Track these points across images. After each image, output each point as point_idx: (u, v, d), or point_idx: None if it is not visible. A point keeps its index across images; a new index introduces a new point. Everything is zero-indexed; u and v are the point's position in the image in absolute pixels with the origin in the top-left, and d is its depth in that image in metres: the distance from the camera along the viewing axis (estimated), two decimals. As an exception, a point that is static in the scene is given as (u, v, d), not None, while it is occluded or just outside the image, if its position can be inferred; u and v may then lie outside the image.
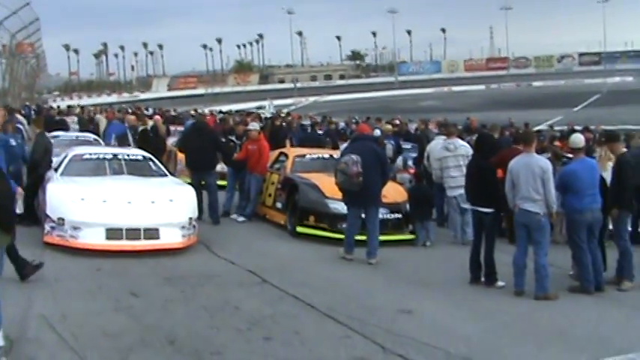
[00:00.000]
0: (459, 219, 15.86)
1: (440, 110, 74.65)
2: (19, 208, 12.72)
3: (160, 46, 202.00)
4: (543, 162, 12.06)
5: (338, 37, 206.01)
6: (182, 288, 11.20)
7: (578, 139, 12.72)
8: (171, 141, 26.86)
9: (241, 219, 17.48)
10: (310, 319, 10.05)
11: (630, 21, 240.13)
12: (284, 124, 33.40)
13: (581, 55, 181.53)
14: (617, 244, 12.90)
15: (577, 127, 37.31)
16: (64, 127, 27.99)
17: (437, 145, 17.36)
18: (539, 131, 34.48)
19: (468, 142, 16.53)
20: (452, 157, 16.26)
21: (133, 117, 26.23)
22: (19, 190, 12.77)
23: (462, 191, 14.36)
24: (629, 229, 13.87)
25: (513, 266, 11.90)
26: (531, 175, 11.70)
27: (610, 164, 14.41)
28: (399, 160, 20.98)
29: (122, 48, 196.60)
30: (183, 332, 9.11)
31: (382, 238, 14.93)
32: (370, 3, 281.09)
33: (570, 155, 13.94)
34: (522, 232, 11.96)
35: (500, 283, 12.28)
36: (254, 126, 19.12)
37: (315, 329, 9.57)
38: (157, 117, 28.31)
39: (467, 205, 13.90)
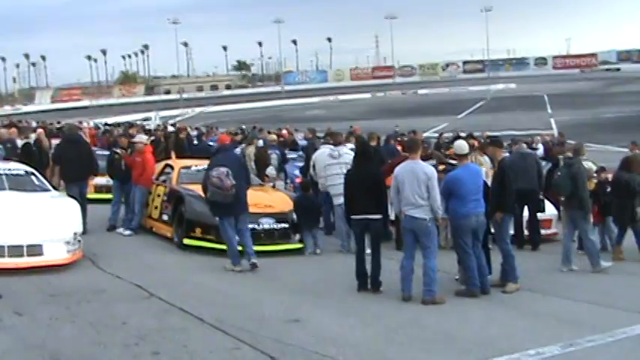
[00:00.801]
0: (345, 227, 15.84)
1: (327, 119, 75.03)
2: None
3: (43, 57, 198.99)
4: (428, 168, 12.20)
5: (224, 47, 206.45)
6: (67, 305, 10.99)
7: (463, 146, 12.93)
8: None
9: (127, 232, 17.25)
10: (199, 331, 9.95)
11: (513, 30, 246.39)
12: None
13: (465, 63, 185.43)
14: (499, 247, 13.17)
15: (462, 134, 37.94)
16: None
17: (322, 153, 17.40)
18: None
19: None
20: (336, 164, 16.25)
21: (6, 130, 25.42)
22: None
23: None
24: (512, 232, 14.17)
25: (401, 271, 12.01)
26: (416, 182, 11.82)
27: (483, 169, 14.73)
28: (270, 169, 20.85)
29: (3, 59, 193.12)
30: (69, 350, 8.94)
31: (270, 248, 15.22)
32: (256, 13, 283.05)
33: (454, 161, 14.13)
34: (409, 237, 12.08)
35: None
36: (141, 139, 18.92)
37: (204, 342, 9.48)
38: (40, 130, 27.75)
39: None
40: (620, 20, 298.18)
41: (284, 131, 39.68)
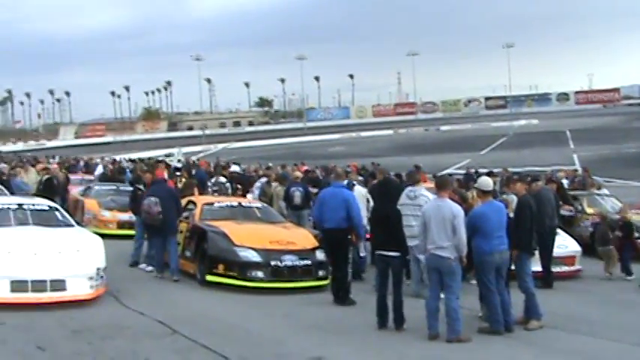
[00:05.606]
0: (419, 271, 15.14)
1: (348, 155, 75.02)
2: None
3: (67, 93, 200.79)
4: (455, 207, 12.12)
5: (246, 84, 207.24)
6: (90, 340, 10.97)
7: (487, 182, 12.89)
8: (77, 190, 26.55)
9: (150, 268, 17.22)
10: (222, 368, 9.93)
11: (535, 66, 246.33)
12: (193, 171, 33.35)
13: (487, 99, 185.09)
14: (519, 285, 13.10)
15: (482, 170, 37.91)
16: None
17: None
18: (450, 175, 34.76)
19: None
20: (411, 205, 15.20)
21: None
22: None
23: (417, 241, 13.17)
24: (533, 269, 13.95)
25: (426, 309, 11.92)
26: (442, 220, 11.80)
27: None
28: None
29: (28, 95, 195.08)
30: (90, 386, 8.91)
31: (293, 285, 15.22)
32: (278, 50, 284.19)
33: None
34: (434, 275, 12.01)
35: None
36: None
37: (227, 379, 9.45)
38: (55, 165, 28.05)
39: (421, 256, 13.33)
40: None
41: (305, 167, 39.58)
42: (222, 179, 26.36)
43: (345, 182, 16.78)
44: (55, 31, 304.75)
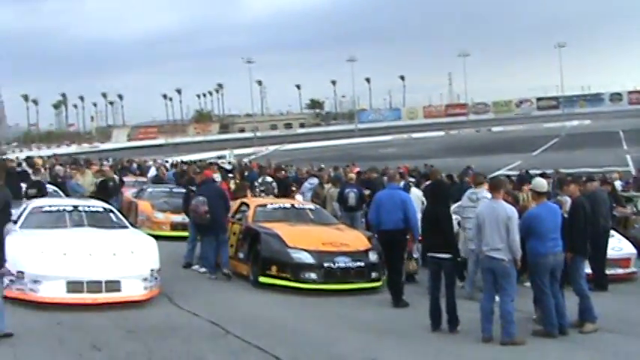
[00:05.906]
0: (472, 272, 15.20)
1: (400, 157, 74.86)
2: None
3: (120, 97, 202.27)
4: (509, 208, 12.06)
5: (297, 86, 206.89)
6: (145, 341, 11.06)
7: (542, 183, 12.82)
8: (131, 192, 26.77)
9: (203, 270, 17.30)
10: (275, 370, 9.95)
11: (587, 65, 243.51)
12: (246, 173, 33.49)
13: (539, 99, 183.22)
14: (573, 288, 12.98)
15: (532, 171, 37.59)
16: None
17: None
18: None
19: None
20: (473, 208, 14.94)
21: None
22: None
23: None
24: (587, 271, 13.81)
25: (480, 312, 11.86)
26: (495, 222, 11.74)
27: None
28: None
29: (82, 98, 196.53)
30: (146, 386, 8.97)
31: (346, 286, 15.24)
32: (329, 52, 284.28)
33: None
34: (489, 277, 11.96)
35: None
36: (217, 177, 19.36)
37: (280, 380, 9.47)
38: (107, 168, 28.37)
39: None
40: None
41: (357, 169, 39.51)
42: (269, 179, 26.46)
43: (402, 184, 16.80)
44: (108, 35, 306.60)
